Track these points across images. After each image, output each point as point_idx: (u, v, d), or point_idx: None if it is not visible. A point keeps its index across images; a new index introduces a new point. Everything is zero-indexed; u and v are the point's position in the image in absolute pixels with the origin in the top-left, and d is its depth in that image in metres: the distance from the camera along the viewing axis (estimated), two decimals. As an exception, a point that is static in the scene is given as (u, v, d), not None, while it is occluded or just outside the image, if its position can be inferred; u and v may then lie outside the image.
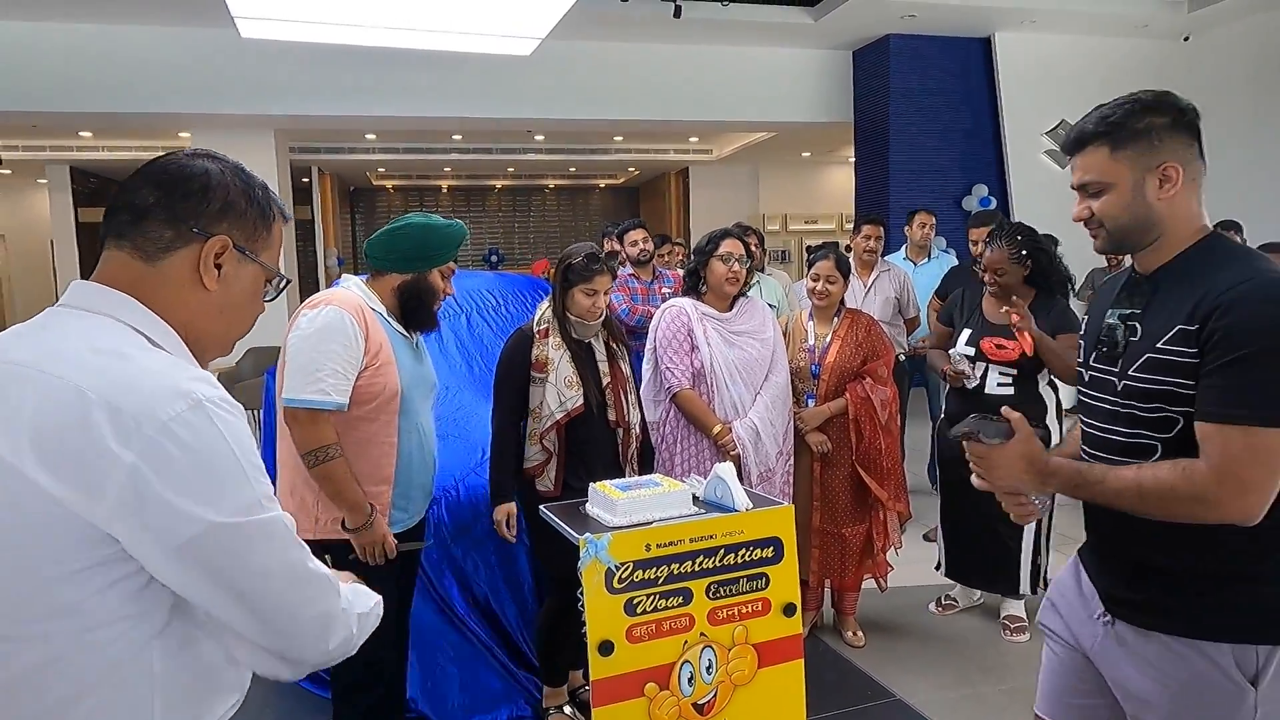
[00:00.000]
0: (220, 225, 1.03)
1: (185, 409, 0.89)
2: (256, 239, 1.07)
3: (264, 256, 1.09)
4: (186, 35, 6.71)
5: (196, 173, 1.03)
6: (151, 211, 1.00)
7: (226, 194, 1.03)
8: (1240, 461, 1.24)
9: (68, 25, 6.54)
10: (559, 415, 2.47)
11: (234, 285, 1.06)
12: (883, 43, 7.51)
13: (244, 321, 1.11)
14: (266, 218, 1.08)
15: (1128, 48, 7.74)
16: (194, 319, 1.03)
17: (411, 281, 2.16)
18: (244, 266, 1.06)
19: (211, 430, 0.91)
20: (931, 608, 3.40)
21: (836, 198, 12.47)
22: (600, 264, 2.49)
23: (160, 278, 1.00)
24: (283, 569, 0.97)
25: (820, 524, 3.12)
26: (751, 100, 7.95)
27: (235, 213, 1.04)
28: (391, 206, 14.93)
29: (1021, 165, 7.68)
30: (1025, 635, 3.20)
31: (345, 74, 6.97)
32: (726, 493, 2.21)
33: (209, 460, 0.90)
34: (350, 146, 10.99)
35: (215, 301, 1.04)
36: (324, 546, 1.95)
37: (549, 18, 4.83)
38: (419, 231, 2.16)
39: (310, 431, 1.99)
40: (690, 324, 2.86)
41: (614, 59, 7.54)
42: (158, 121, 7.87)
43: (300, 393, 1.97)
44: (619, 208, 15.18)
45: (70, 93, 6.75)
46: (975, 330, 3.14)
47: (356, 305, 2.07)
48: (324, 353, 1.97)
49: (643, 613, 2.05)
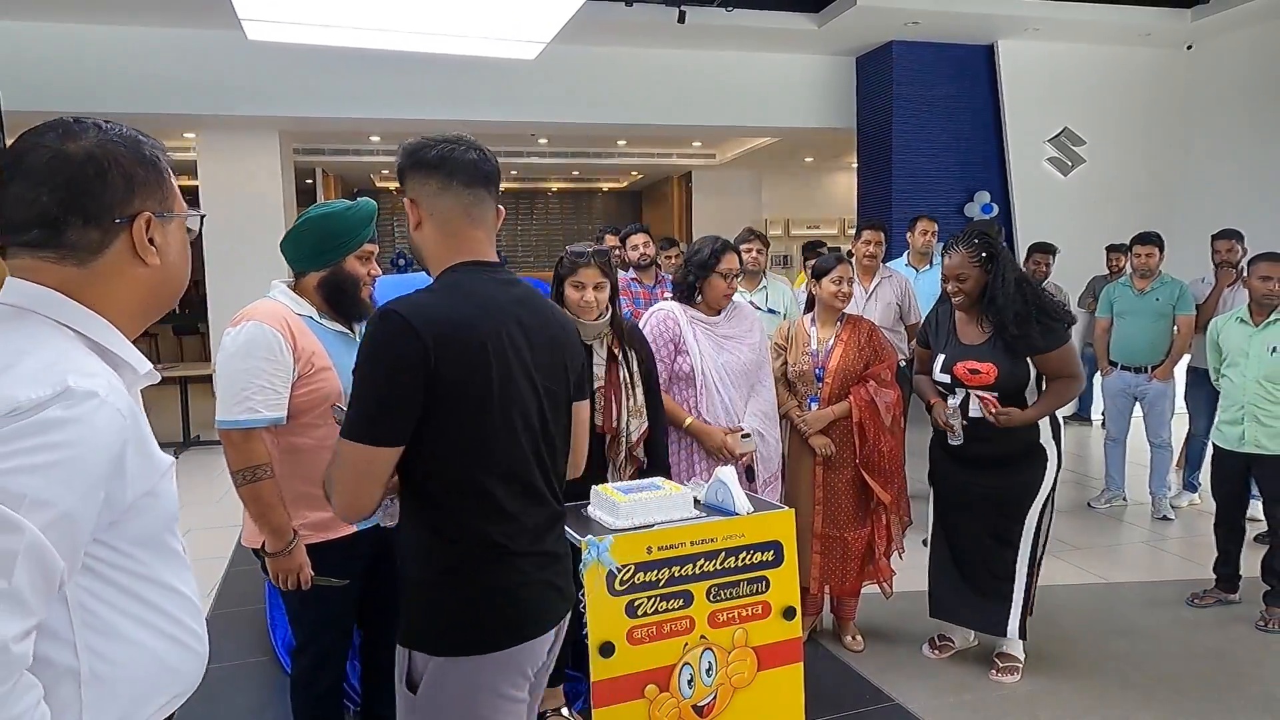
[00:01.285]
0: (134, 203, 1.01)
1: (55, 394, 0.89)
2: (164, 194, 1.05)
3: (176, 207, 1.07)
4: (193, 37, 6.74)
5: (82, 160, 0.97)
6: (65, 220, 0.97)
7: (120, 167, 1.00)
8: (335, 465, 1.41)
9: (75, 26, 6.58)
10: None
11: (170, 249, 1.06)
12: (886, 49, 7.53)
13: (184, 275, 1.11)
14: (159, 167, 1.05)
15: (1130, 56, 7.77)
16: (144, 295, 1.04)
17: (329, 276, 2.09)
18: (168, 226, 1.06)
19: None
20: (926, 650, 3.18)
21: (839, 203, 12.49)
22: (586, 257, 2.50)
23: (96, 275, 0.99)
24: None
25: (822, 528, 3.12)
26: (755, 105, 7.97)
27: (139, 182, 1.01)
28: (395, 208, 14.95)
29: (1024, 172, 7.70)
30: (1014, 676, 2.98)
31: (350, 77, 6.99)
32: (728, 496, 2.23)
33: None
34: (355, 148, 11.02)
35: (160, 273, 1.05)
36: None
37: (554, 22, 4.86)
38: (318, 223, 2.08)
39: (242, 450, 1.96)
40: (680, 327, 2.88)
41: (618, 63, 7.57)
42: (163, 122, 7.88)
43: (229, 414, 1.95)
44: (622, 211, 15.21)
45: (76, 93, 6.77)
46: (949, 355, 2.93)
47: (279, 315, 2.03)
48: (249, 369, 1.95)
49: (644, 615, 2.06)
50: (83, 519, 0.90)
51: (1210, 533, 3.71)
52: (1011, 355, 2.83)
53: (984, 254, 2.84)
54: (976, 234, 2.91)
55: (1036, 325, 2.80)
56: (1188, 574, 3.99)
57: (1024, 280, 2.87)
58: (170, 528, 1.07)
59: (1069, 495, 5.32)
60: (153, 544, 1.03)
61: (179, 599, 1.06)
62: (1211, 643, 3.30)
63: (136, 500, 0.97)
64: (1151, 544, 4.50)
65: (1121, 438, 4.96)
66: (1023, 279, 2.86)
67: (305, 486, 2.02)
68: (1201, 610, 3.56)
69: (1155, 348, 4.74)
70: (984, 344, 2.88)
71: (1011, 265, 2.86)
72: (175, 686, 1.07)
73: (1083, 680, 3.01)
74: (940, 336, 3.01)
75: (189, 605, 1.08)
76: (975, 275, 2.85)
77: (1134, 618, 3.54)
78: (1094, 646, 3.26)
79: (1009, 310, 2.79)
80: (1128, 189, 7.82)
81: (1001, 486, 2.92)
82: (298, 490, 2.04)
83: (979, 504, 2.96)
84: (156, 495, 1.01)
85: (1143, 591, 3.84)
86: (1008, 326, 2.79)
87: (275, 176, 8.24)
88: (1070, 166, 7.81)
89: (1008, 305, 2.78)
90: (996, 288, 2.80)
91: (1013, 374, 2.84)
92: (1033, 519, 2.92)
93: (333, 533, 2.08)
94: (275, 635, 3.15)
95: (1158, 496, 4.84)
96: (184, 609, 1.07)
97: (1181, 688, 2.96)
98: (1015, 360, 2.83)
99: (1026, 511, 2.91)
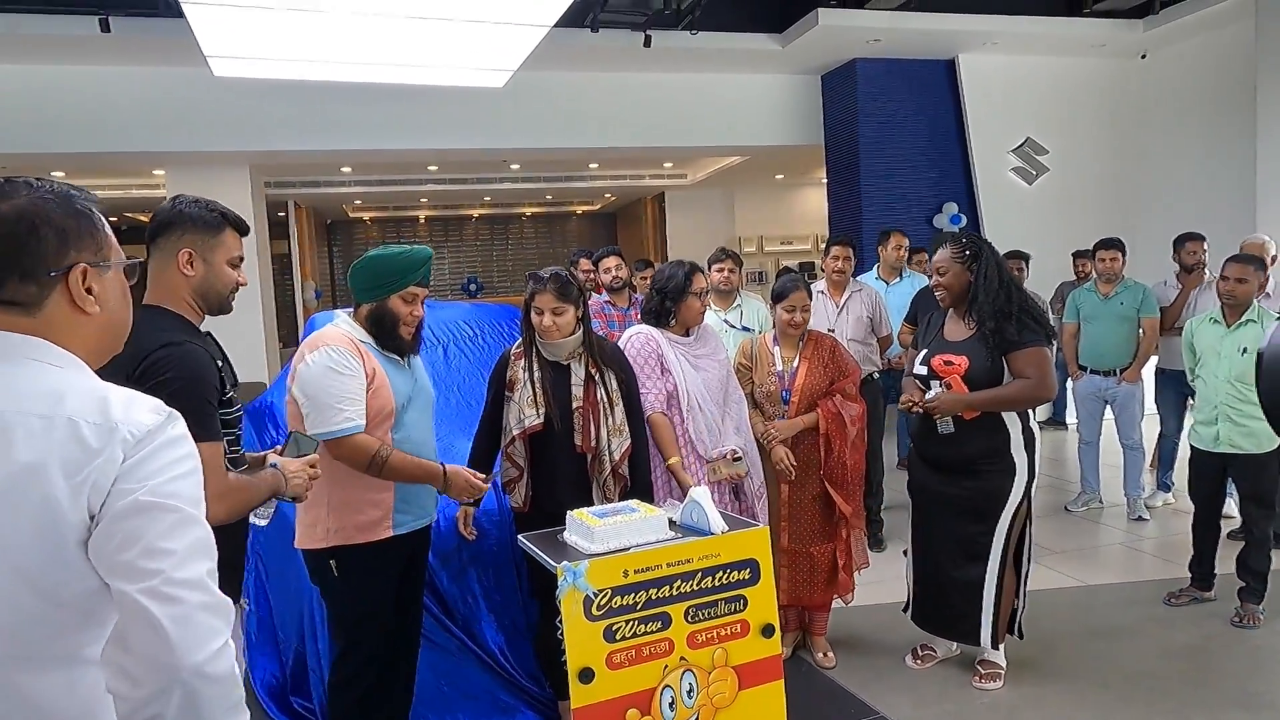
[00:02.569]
0: (68, 256, 1.05)
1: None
2: (99, 244, 1.09)
3: (112, 255, 1.11)
4: (158, 74, 6.72)
5: (14, 219, 1.02)
6: (3, 277, 1.02)
7: (51, 222, 1.04)
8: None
9: (40, 67, 6.54)
10: (515, 431, 2.57)
11: (109, 297, 1.11)
12: (849, 67, 7.66)
13: (126, 319, 1.17)
14: (91, 218, 1.09)
15: (1087, 66, 7.95)
16: (92, 342, 1.10)
17: (374, 310, 2.29)
18: (105, 276, 1.10)
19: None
20: (909, 660, 3.18)
21: (811, 218, 12.62)
22: (542, 283, 2.58)
23: (47, 322, 1.05)
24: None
25: (789, 544, 3.13)
26: (723, 125, 8.07)
27: (72, 235, 1.05)
28: (369, 238, 14.94)
29: (990, 183, 7.83)
30: (996, 683, 2.98)
31: (319, 109, 7.00)
32: (702, 516, 2.24)
33: None
34: (326, 180, 11.02)
35: (102, 320, 1.10)
36: (331, 553, 2.24)
37: (520, 50, 4.90)
38: (371, 263, 2.30)
39: (356, 450, 2.19)
40: (660, 349, 2.91)
41: (587, 88, 7.64)
42: (131, 160, 7.87)
43: (330, 426, 2.16)
44: (596, 234, 15.29)
45: (42, 134, 6.73)
46: (930, 349, 3.01)
47: (348, 338, 2.26)
48: (338, 385, 2.17)
49: (622, 639, 2.07)
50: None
51: (1187, 531, 3.76)
52: (988, 351, 2.85)
53: (968, 252, 2.92)
54: (964, 234, 3.03)
55: (1014, 322, 2.86)
56: (1165, 573, 4.04)
57: (1011, 283, 2.93)
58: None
59: (1046, 500, 5.37)
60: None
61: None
62: (1188, 640, 3.34)
63: None
64: (1128, 545, 4.55)
65: (1094, 440, 5.03)
66: (1010, 281, 2.93)
67: (350, 493, 2.23)
68: (1178, 609, 3.61)
69: (1122, 351, 4.82)
70: (965, 340, 2.94)
71: (996, 266, 2.92)
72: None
73: (1063, 683, 3.03)
74: (929, 335, 3.09)
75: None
76: (957, 271, 2.93)
77: (1113, 618, 3.57)
78: (1074, 649, 3.29)
79: (988, 306, 2.85)
80: (1090, 196, 7.97)
81: (969, 494, 2.93)
82: (343, 497, 2.23)
83: (949, 512, 2.98)
84: None
85: (1121, 592, 3.88)
86: (986, 321, 2.86)
87: (247, 211, 8.20)
88: (1034, 175, 7.95)
89: (988, 301, 2.85)
90: (979, 285, 2.87)
91: (985, 369, 2.85)
92: (1002, 529, 2.92)
93: (374, 534, 2.27)
94: (255, 678, 3.11)
95: (1132, 498, 4.90)
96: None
97: (1160, 686, 2.99)
98: (991, 357, 2.85)
99: (996, 521, 2.92)
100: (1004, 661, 3.06)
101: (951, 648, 3.22)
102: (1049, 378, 2.88)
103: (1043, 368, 2.86)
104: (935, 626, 3.12)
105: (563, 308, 2.56)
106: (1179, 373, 4.90)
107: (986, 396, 2.86)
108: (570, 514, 2.27)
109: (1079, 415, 5.07)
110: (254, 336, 8.19)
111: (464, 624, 2.79)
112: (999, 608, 2.96)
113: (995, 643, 2.98)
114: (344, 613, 2.33)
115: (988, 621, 2.95)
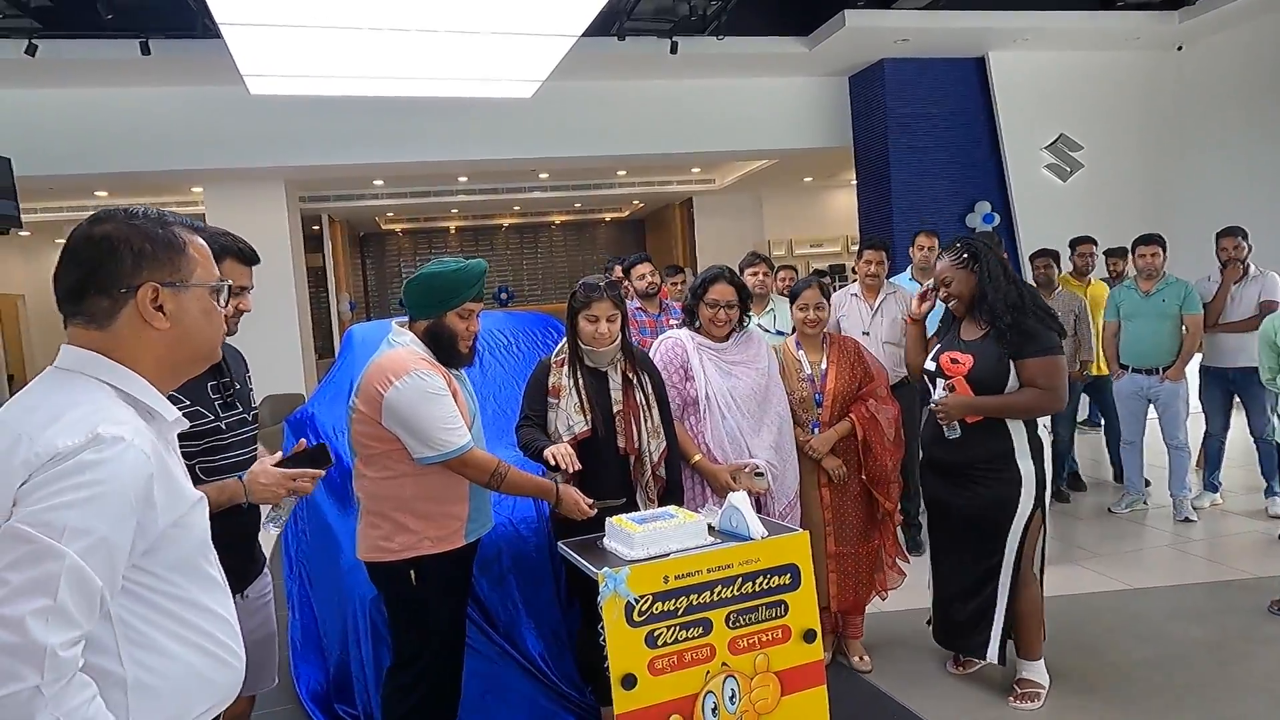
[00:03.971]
0: (140, 275, 1.16)
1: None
2: (178, 268, 1.20)
3: (195, 277, 1.22)
4: (196, 94, 6.88)
5: (98, 240, 1.16)
6: (84, 290, 1.16)
7: (130, 246, 1.16)
8: None
9: (81, 90, 6.73)
10: (566, 438, 2.57)
11: (184, 315, 1.20)
12: (877, 68, 7.61)
13: (210, 335, 1.25)
14: (175, 246, 1.20)
15: (1121, 60, 7.82)
16: (163, 354, 1.19)
17: (431, 326, 2.31)
18: (182, 295, 1.20)
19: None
20: (950, 666, 3.14)
21: (841, 220, 12.54)
22: (599, 291, 2.61)
23: (117, 337, 1.17)
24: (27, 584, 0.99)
25: (835, 548, 3.12)
26: (750, 129, 8.06)
27: (147, 258, 1.17)
28: (401, 249, 15.13)
29: (1023, 181, 7.73)
30: (1035, 704, 2.86)
31: (351, 123, 7.12)
32: (741, 522, 2.24)
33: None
34: (359, 193, 11.18)
35: (173, 335, 1.19)
36: (411, 563, 2.27)
37: (548, 60, 4.95)
38: (427, 280, 2.30)
39: (477, 465, 2.25)
40: (687, 354, 2.93)
41: (614, 96, 7.67)
42: (170, 178, 8.05)
43: (446, 446, 2.20)
44: (625, 240, 15.32)
45: (86, 155, 6.92)
46: (942, 347, 2.95)
47: (425, 361, 2.26)
48: (439, 411, 2.19)
49: (664, 645, 2.07)
50: (118, 543, 1.05)
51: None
52: (995, 350, 2.78)
53: (965, 255, 2.86)
54: (958, 239, 2.97)
55: (1032, 317, 2.79)
56: (1214, 576, 3.95)
57: (1015, 279, 2.88)
58: (204, 554, 1.21)
59: (1091, 501, 5.28)
60: (188, 569, 1.18)
61: (214, 618, 1.20)
62: (1243, 647, 3.26)
63: (167, 529, 1.12)
64: (1175, 547, 4.46)
65: (1137, 440, 4.93)
66: (1013, 277, 2.87)
67: (430, 505, 2.27)
68: (1230, 613, 3.52)
69: (1164, 349, 4.73)
70: (976, 340, 2.87)
71: (998, 262, 2.86)
72: (213, 696, 1.20)
73: (1110, 691, 2.97)
74: (945, 332, 3.03)
75: (224, 624, 1.22)
76: (961, 277, 2.86)
77: (1160, 624, 3.50)
78: (1121, 655, 3.22)
79: (1000, 300, 2.78)
80: (1127, 191, 7.83)
81: (976, 505, 2.84)
82: (423, 510, 2.27)
83: (958, 524, 2.91)
84: (186, 526, 1.16)
85: (1169, 596, 3.80)
86: (1001, 315, 2.77)
87: (283, 225, 8.38)
88: (1069, 172, 7.84)
89: (999, 296, 2.79)
90: (986, 284, 2.81)
91: (991, 369, 2.78)
92: (1013, 544, 2.82)
93: (451, 544, 2.31)
94: (300, 685, 3.16)
95: (1178, 498, 4.80)
96: (219, 627, 1.21)
97: (1213, 694, 2.92)
98: (996, 358, 2.77)
99: (1006, 533, 2.82)
100: (1046, 679, 2.95)
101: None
102: (1062, 389, 2.79)
103: (1057, 379, 2.76)
104: (947, 640, 3.07)
105: (616, 314, 2.61)
106: (1223, 370, 4.81)
107: (994, 402, 2.78)
108: (609, 520, 2.28)
109: (1121, 415, 4.98)
110: (292, 349, 8.34)
111: (505, 631, 2.81)
112: (1009, 622, 2.87)
113: (1002, 659, 2.90)
114: (416, 621, 2.34)
115: (995, 636, 2.86)
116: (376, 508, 2.30)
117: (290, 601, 3.36)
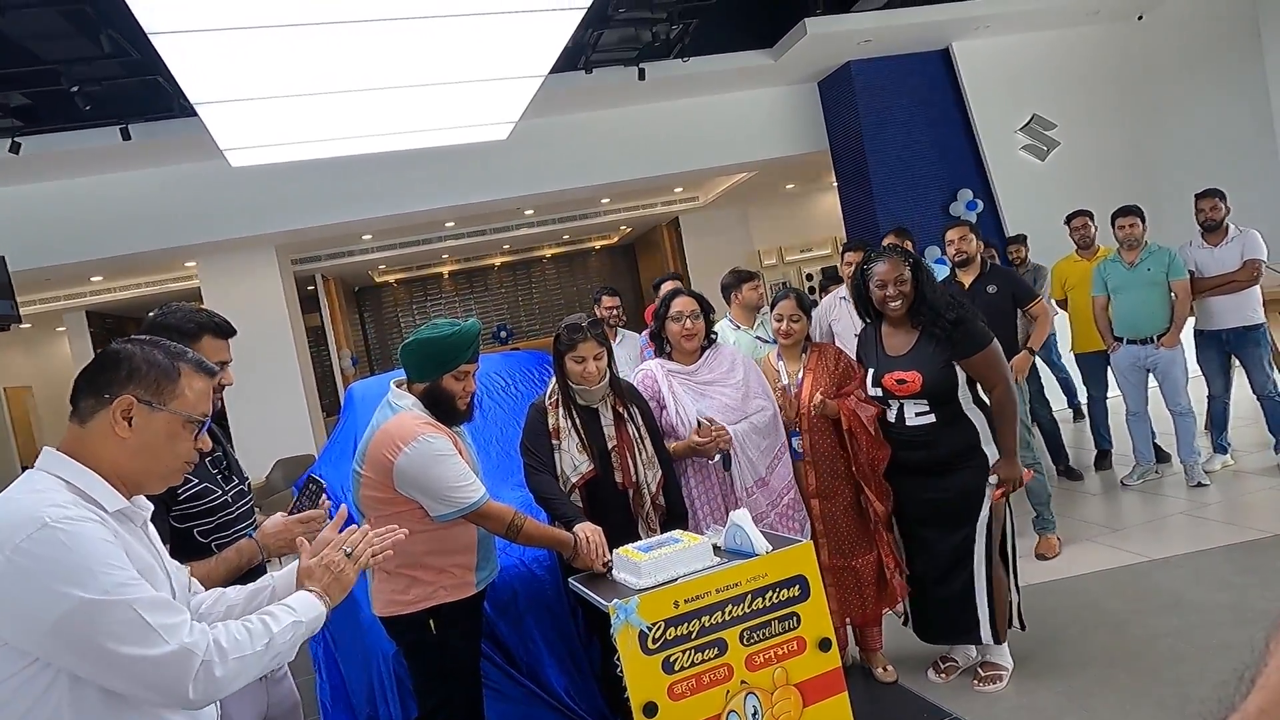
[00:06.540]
0: (125, 388, 1.33)
1: (34, 530, 1.19)
2: (162, 392, 1.36)
3: (173, 405, 1.36)
4: (179, 172, 7.01)
5: (113, 354, 1.36)
6: (84, 389, 1.34)
7: (131, 363, 1.35)
8: None
9: (67, 181, 6.87)
10: (574, 480, 2.61)
11: (145, 432, 1.34)
12: (844, 70, 7.70)
13: (164, 460, 1.37)
14: (169, 375, 1.37)
15: (1084, 35, 7.90)
16: (117, 461, 1.33)
17: (429, 389, 2.37)
18: (154, 416, 1.35)
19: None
20: (931, 675, 3.09)
21: (827, 222, 12.60)
22: (582, 332, 2.63)
23: (90, 435, 1.33)
24: (125, 630, 1.20)
25: (830, 560, 3.05)
26: (726, 144, 8.14)
27: (138, 376, 1.34)
28: (397, 300, 15.23)
29: (1002, 165, 7.79)
30: (998, 684, 2.93)
31: (334, 183, 7.23)
32: (745, 539, 2.27)
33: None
34: (349, 249, 11.30)
35: (130, 446, 1.33)
36: (429, 613, 2.32)
37: (519, 102, 5.03)
38: (422, 345, 2.36)
39: (493, 517, 2.32)
40: (658, 385, 2.94)
41: (589, 127, 7.77)
42: (163, 256, 8.16)
43: (462, 503, 2.26)
44: (617, 266, 15.41)
45: (78, 243, 7.05)
46: (877, 369, 2.96)
47: (429, 424, 2.31)
48: (450, 471, 2.25)
49: (681, 669, 2.09)
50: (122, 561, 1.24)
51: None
52: (936, 357, 2.83)
53: (908, 259, 2.94)
54: (888, 246, 3.10)
55: (967, 313, 2.90)
56: (1233, 538, 3.94)
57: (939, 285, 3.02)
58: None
59: (1102, 477, 5.28)
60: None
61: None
62: (1266, 605, 3.25)
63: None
64: (1191, 514, 4.45)
65: (1142, 411, 4.94)
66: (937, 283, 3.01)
67: (439, 559, 2.33)
68: (1252, 573, 3.51)
69: (1156, 317, 4.75)
70: (908, 353, 2.89)
71: (927, 269, 2.98)
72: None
73: (1135, 662, 2.97)
74: (869, 354, 3.03)
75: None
76: (909, 278, 2.91)
77: (1182, 591, 3.49)
78: (1143, 627, 3.22)
79: (940, 300, 2.87)
80: (1107, 163, 7.89)
81: (948, 498, 2.88)
82: (434, 563, 2.32)
83: (931, 520, 2.94)
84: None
85: (1188, 563, 3.79)
86: (945, 313, 2.84)
87: (277, 289, 8.47)
88: (1046, 151, 7.90)
89: (939, 299, 2.88)
90: (925, 285, 2.89)
91: (940, 379, 2.83)
92: (982, 529, 2.87)
93: (463, 592, 2.37)
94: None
95: (1189, 464, 4.80)
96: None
97: (1237, 656, 2.90)
98: (941, 365, 2.83)
99: (975, 522, 2.87)
100: (1009, 662, 3.00)
101: (971, 654, 3.13)
102: (1008, 371, 2.93)
103: (1002, 364, 2.89)
104: (936, 635, 3.08)
105: (602, 352, 2.63)
106: (1216, 332, 4.83)
107: (1010, 441, 2.86)
108: (616, 551, 2.31)
109: (1122, 387, 4.99)
110: (298, 411, 8.40)
111: (529, 671, 2.83)
112: (994, 604, 2.91)
113: (997, 639, 2.93)
114: (438, 670, 2.37)
115: (985, 619, 2.91)
116: (388, 565, 2.32)
117: (316, 663, 3.39)
